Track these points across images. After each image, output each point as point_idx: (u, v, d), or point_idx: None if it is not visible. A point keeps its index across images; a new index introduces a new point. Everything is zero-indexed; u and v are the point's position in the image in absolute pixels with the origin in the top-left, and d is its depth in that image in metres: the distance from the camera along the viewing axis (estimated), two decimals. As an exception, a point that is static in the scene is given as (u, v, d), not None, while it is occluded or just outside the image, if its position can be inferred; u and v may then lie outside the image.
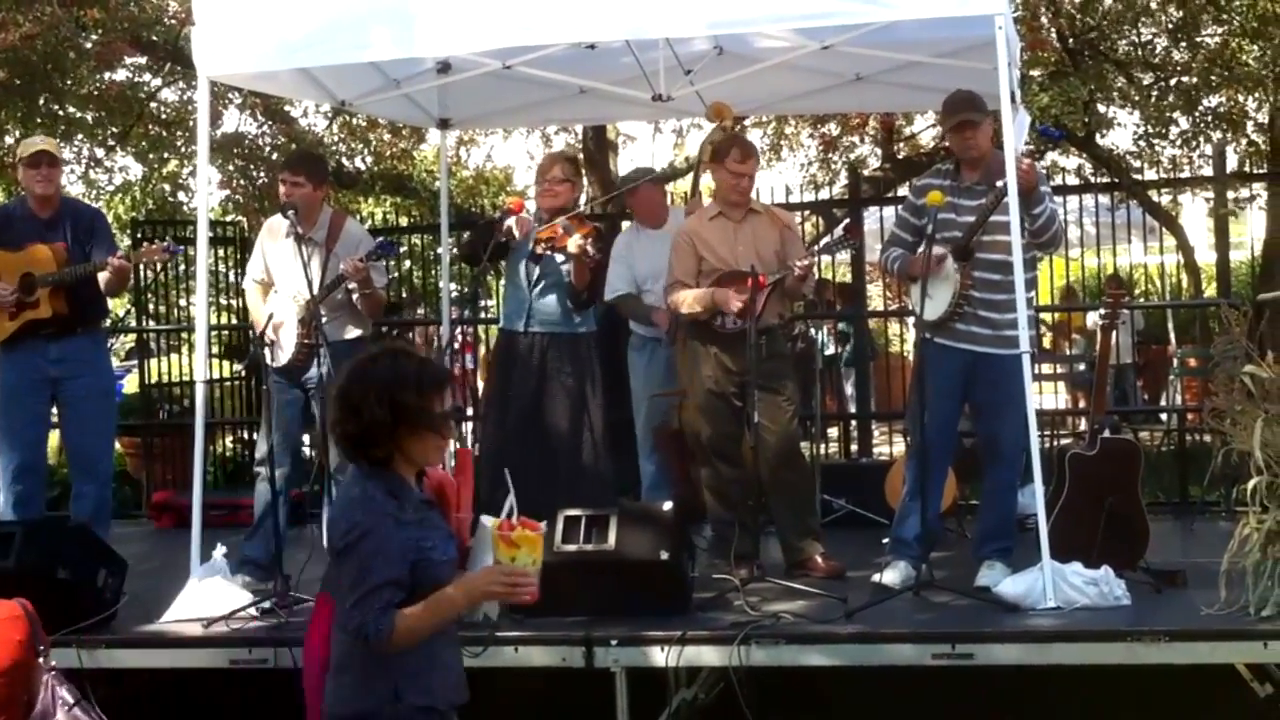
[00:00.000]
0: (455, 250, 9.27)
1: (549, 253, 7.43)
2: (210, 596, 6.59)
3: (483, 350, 12.09)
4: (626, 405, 8.30)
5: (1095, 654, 5.86)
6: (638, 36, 7.05)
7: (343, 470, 7.17)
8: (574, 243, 7.18)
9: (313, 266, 7.05)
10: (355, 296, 7.21)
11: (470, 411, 9.68)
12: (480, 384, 10.55)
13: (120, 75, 13.02)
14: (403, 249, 12.68)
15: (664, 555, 6.19)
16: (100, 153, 14.40)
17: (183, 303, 12.51)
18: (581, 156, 14.66)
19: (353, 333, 7.34)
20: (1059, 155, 13.49)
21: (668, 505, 6.56)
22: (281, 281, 7.28)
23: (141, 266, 7.90)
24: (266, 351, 7.15)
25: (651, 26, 6.65)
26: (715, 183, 7.32)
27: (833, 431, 12.18)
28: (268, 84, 8.29)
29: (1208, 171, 12.62)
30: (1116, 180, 12.15)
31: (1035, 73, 11.23)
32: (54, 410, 7.65)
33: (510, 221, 7.38)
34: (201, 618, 6.49)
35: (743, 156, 7.16)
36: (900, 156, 14.49)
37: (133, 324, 13.24)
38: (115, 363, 11.84)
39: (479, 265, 7.58)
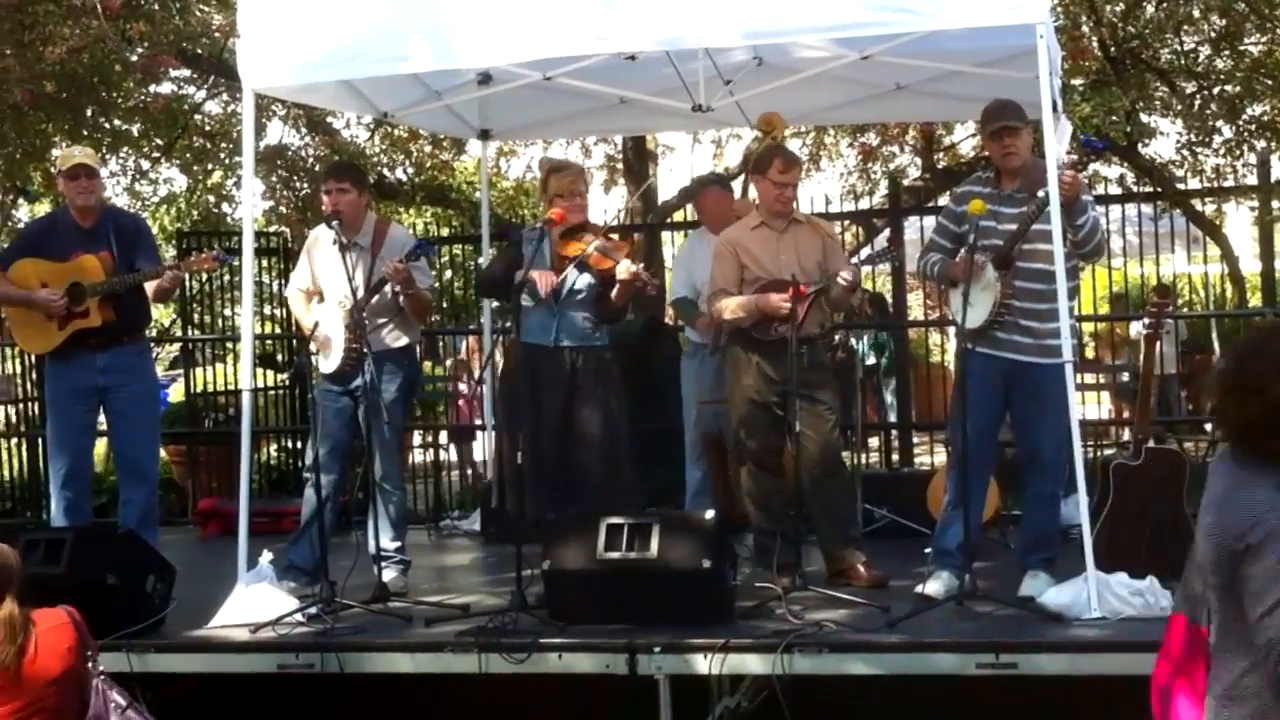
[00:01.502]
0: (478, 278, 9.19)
1: (581, 271, 7.27)
2: (257, 602, 6.65)
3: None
4: (666, 413, 8.32)
5: (1141, 665, 5.77)
6: (677, 47, 7.06)
7: (389, 479, 7.25)
8: (625, 268, 6.96)
9: (358, 272, 7.10)
10: (400, 299, 7.25)
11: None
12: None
13: (165, 88, 13.12)
14: (443, 259, 12.76)
15: (706, 564, 6.21)
16: (145, 165, 14.51)
17: (227, 312, 12.60)
18: (622, 167, 14.75)
19: (401, 340, 7.37)
20: (1101, 165, 13.42)
21: (710, 514, 6.57)
22: (328, 289, 7.32)
23: (188, 276, 7.96)
24: (314, 359, 7.19)
25: (691, 37, 6.67)
26: (758, 193, 7.33)
27: (873, 441, 12.17)
28: (311, 96, 8.36)
29: (1251, 180, 12.53)
30: (1159, 190, 12.09)
31: (1077, 82, 11.18)
32: (101, 418, 7.74)
33: (533, 277, 7.07)
34: (249, 623, 6.54)
35: (785, 166, 7.17)
36: (940, 166, 14.46)
37: (178, 333, 13.36)
38: (160, 371, 11.94)
39: (502, 298, 7.44)
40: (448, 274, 13.20)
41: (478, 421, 11.48)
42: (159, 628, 6.61)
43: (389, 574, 7.10)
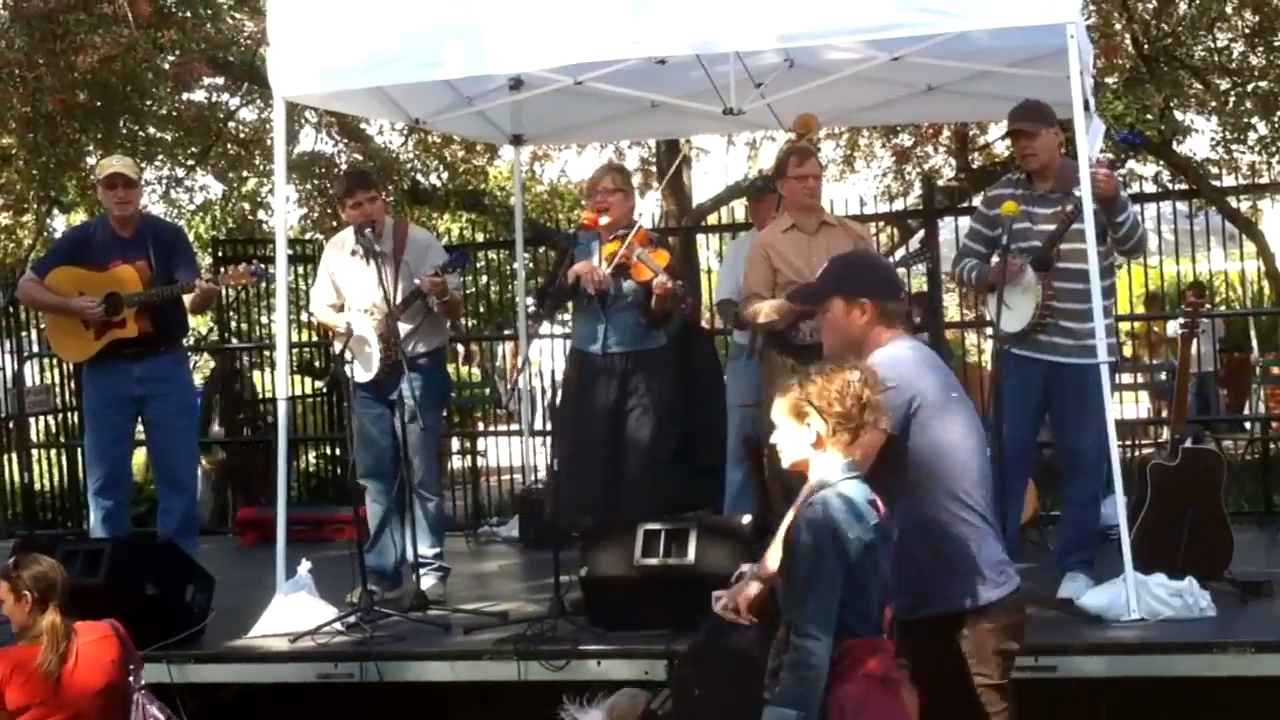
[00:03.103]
0: (532, 295, 9.20)
1: (620, 277, 7.31)
2: (296, 611, 6.67)
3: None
4: (703, 415, 8.32)
5: (1180, 666, 5.82)
6: (707, 51, 7.06)
7: (425, 485, 7.26)
8: (659, 282, 6.97)
9: (386, 279, 7.09)
10: (434, 305, 7.26)
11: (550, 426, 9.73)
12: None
13: (198, 95, 13.19)
14: (479, 264, 12.78)
15: (744, 568, 6.18)
16: (180, 172, 14.59)
17: (264, 320, 12.65)
18: (655, 170, 14.72)
19: (430, 345, 7.40)
20: (1136, 163, 13.36)
21: (746, 518, 6.57)
22: (354, 298, 7.32)
23: (224, 289, 8.00)
24: (348, 368, 7.20)
25: (721, 40, 6.67)
26: (785, 194, 7.32)
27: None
28: (342, 103, 8.39)
29: (1287, 177, 12.46)
30: (1195, 187, 12.03)
31: (1110, 80, 11.13)
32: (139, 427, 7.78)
33: (578, 270, 7.19)
34: (288, 632, 6.56)
35: (800, 160, 7.20)
36: (975, 166, 14.40)
37: (216, 340, 13.43)
38: (196, 379, 12.00)
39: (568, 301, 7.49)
40: (484, 279, 13.22)
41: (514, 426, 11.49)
42: (198, 638, 6.65)
43: (428, 581, 7.11)
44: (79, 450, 10.10)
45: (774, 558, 4.26)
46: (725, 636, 4.41)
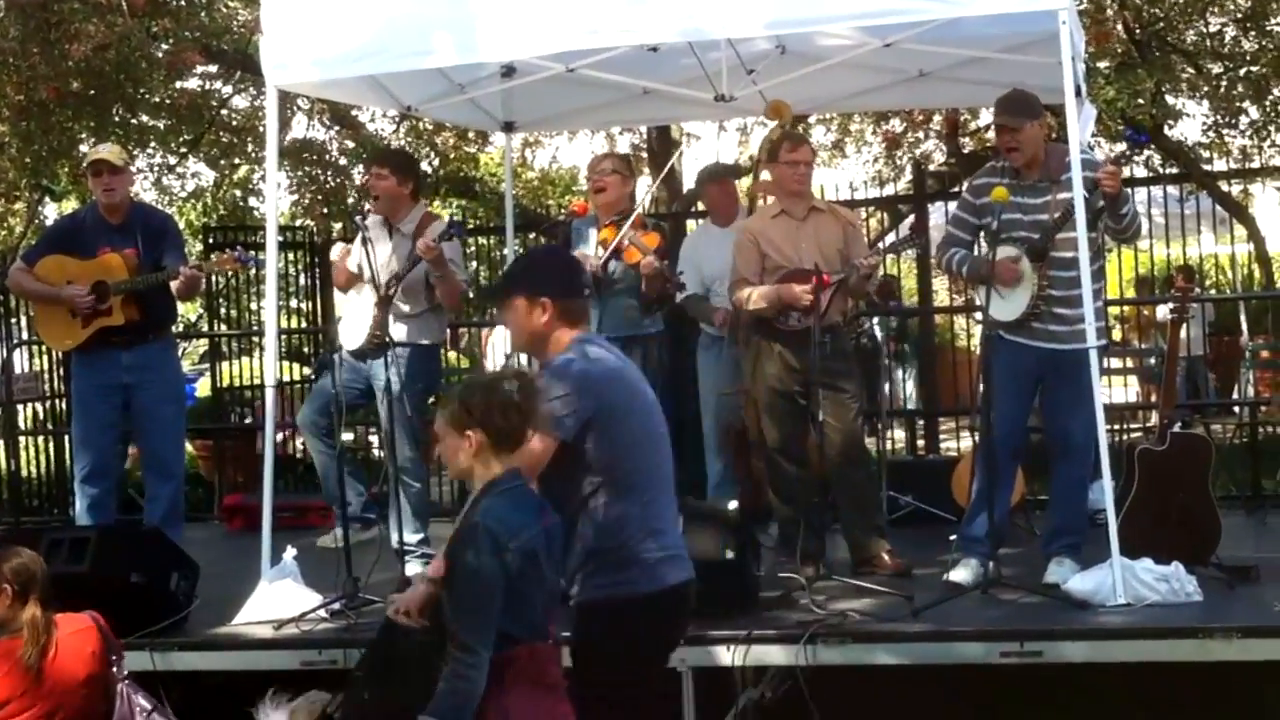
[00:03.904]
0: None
1: (613, 261, 7.40)
2: (281, 598, 6.66)
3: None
4: (689, 405, 8.31)
5: (1166, 651, 5.82)
6: (699, 38, 7.04)
7: (408, 472, 7.26)
8: (647, 264, 7.14)
9: (394, 257, 7.17)
10: (433, 280, 7.26)
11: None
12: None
13: (191, 83, 13.17)
14: (470, 250, 12.77)
15: (729, 554, 6.20)
16: (172, 160, 14.58)
17: (253, 307, 12.64)
18: (647, 156, 14.72)
19: (424, 339, 7.43)
20: (1127, 147, 13.38)
21: (732, 504, 6.57)
22: (373, 270, 7.35)
23: (211, 275, 7.99)
24: (338, 334, 7.28)
25: (713, 27, 6.66)
26: (775, 180, 7.32)
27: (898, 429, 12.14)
28: (334, 91, 8.38)
29: (1278, 161, 12.48)
30: (1186, 171, 12.04)
31: (1102, 65, 11.13)
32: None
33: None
34: (272, 619, 6.56)
35: (793, 146, 7.21)
36: (965, 151, 14.41)
37: (205, 328, 13.41)
38: (187, 366, 12.00)
39: None
40: (473, 265, 13.20)
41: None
42: (182, 625, 6.63)
43: (412, 568, 7.11)
44: (66, 438, 10.10)
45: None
46: (396, 640, 4.41)
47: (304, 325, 12.47)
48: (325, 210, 13.29)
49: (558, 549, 4.19)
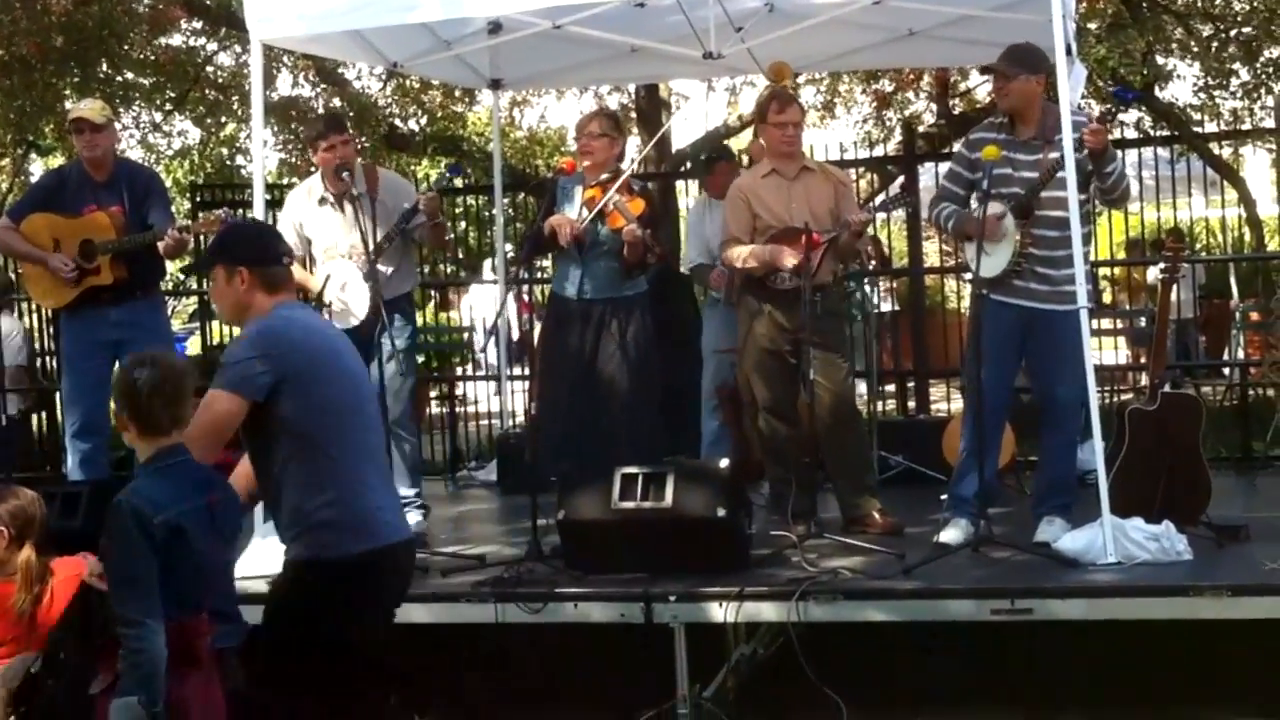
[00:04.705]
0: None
1: (602, 223, 7.39)
2: (273, 555, 6.63)
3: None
4: (682, 366, 8.32)
5: (1156, 609, 5.84)
6: (688, -7, 7.02)
7: (402, 425, 7.26)
8: (630, 230, 7.18)
9: (365, 221, 7.06)
10: (424, 228, 7.26)
11: (528, 371, 9.72)
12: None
13: (175, 40, 13.10)
14: (458, 210, 12.73)
15: (721, 513, 6.20)
16: (158, 117, 14.50)
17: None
18: (635, 116, 14.68)
19: (404, 288, 7.47)
20: (1113, 104, 13.37)
21: (724, 462, 6.57)
22: (328, 245, 7.31)
23: (198, 236, 7.95)
24: (330, 316, 7.16)
25: (703, -17, 6.63)
26: (765, 141, 7.30)
27: (889, 388, 12.15)
28: (319, 46, 8.30)
29: (1269, 123, 12.47)
30: (1177, 133, 12.02)
31: (1092, 25, 11.10)
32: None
33: (553, 223, 7.37)
34: (265, 574, 6.54)
35: (782, 107, 7.15)
36: (955, 112, 14.39)
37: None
38: (178, 325, 11.95)
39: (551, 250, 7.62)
40: (462, 224, 13.16)
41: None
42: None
43: (411, 518, 7.10)
44: (57, 394, 10.06)
45: None
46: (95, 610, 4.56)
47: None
48: (312, 168, 13.21)
49: (228, 523, 4.35)
